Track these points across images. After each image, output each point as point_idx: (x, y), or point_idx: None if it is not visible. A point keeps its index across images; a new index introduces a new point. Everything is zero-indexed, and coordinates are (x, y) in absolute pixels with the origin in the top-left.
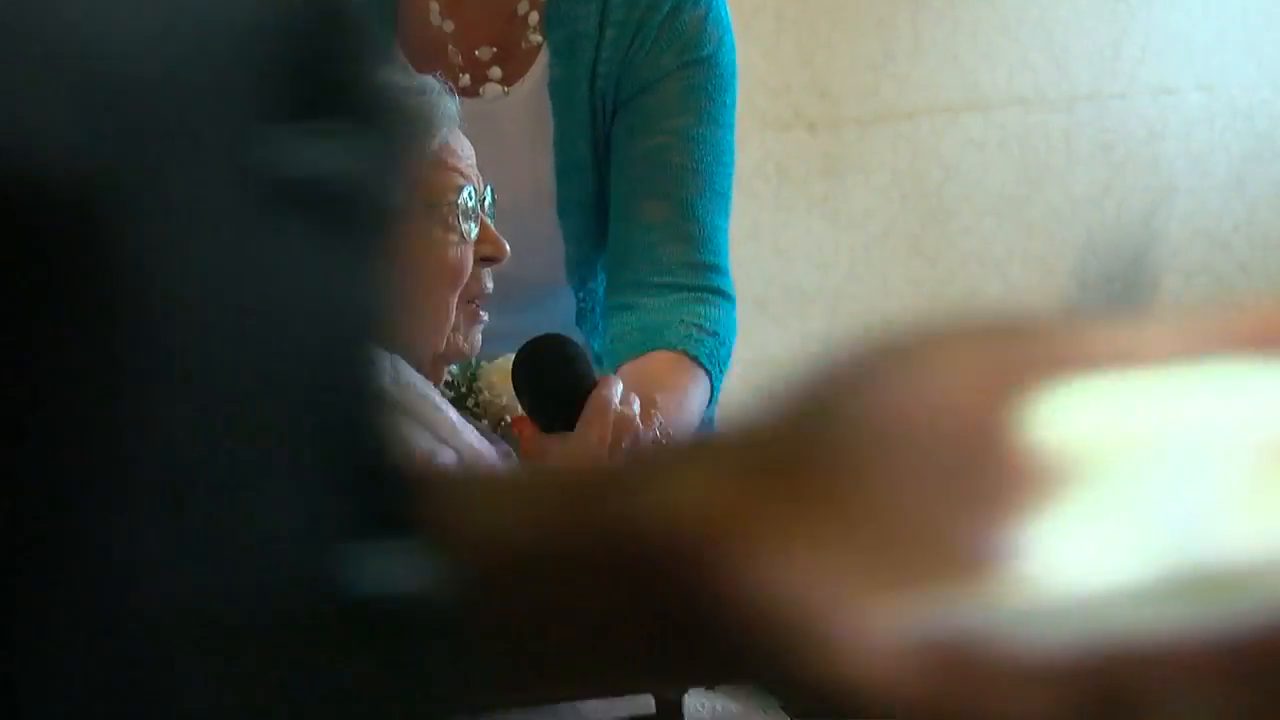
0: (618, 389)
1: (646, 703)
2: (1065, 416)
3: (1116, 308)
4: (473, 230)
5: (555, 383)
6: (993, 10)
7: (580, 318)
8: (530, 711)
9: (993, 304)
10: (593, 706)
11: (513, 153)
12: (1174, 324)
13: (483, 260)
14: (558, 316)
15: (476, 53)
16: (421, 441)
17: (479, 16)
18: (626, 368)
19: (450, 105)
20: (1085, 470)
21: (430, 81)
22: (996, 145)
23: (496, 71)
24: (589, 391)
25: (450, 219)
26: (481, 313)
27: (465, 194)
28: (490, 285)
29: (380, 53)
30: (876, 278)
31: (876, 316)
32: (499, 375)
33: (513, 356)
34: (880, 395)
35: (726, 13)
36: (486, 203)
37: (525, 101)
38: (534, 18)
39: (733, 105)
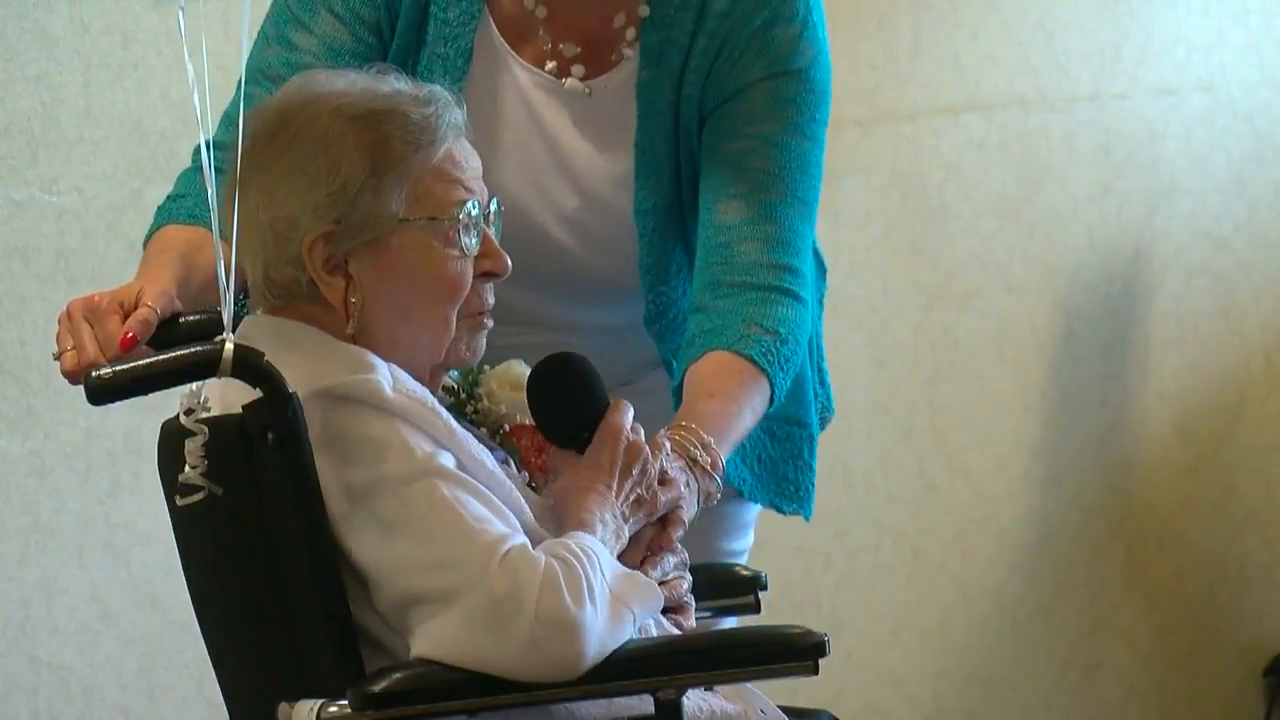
0: (629, 415)
1: (646, 703)
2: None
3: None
4: (474, 244)
5: (570, 402)
6: (993, 11)
7: (650, 320)
8: (529, 712)
9: (992, 304)
10: (592, 707)
11: (593, 147)
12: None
13: (483, 275)
14: (626, 316)
15: (561, 46)
16: (422, 445)
17: (573, 13)
18: (685, 378)
19: (458, 115)
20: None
21: (438, 92)
22: (997, 146)
23: (580, 69)
24: (602, 411)
25: (450, 233)
26: (486, 320)
27: (467, 207)
28: (492, 299)
29: None
30: (877, 278)
31: (877, 316)
32: (499, 382)
33: (514, 363)
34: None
35: (824, 33)
36: (491, 214)
37: (610, 99)
38: (630, 33)
39: (823, 121)
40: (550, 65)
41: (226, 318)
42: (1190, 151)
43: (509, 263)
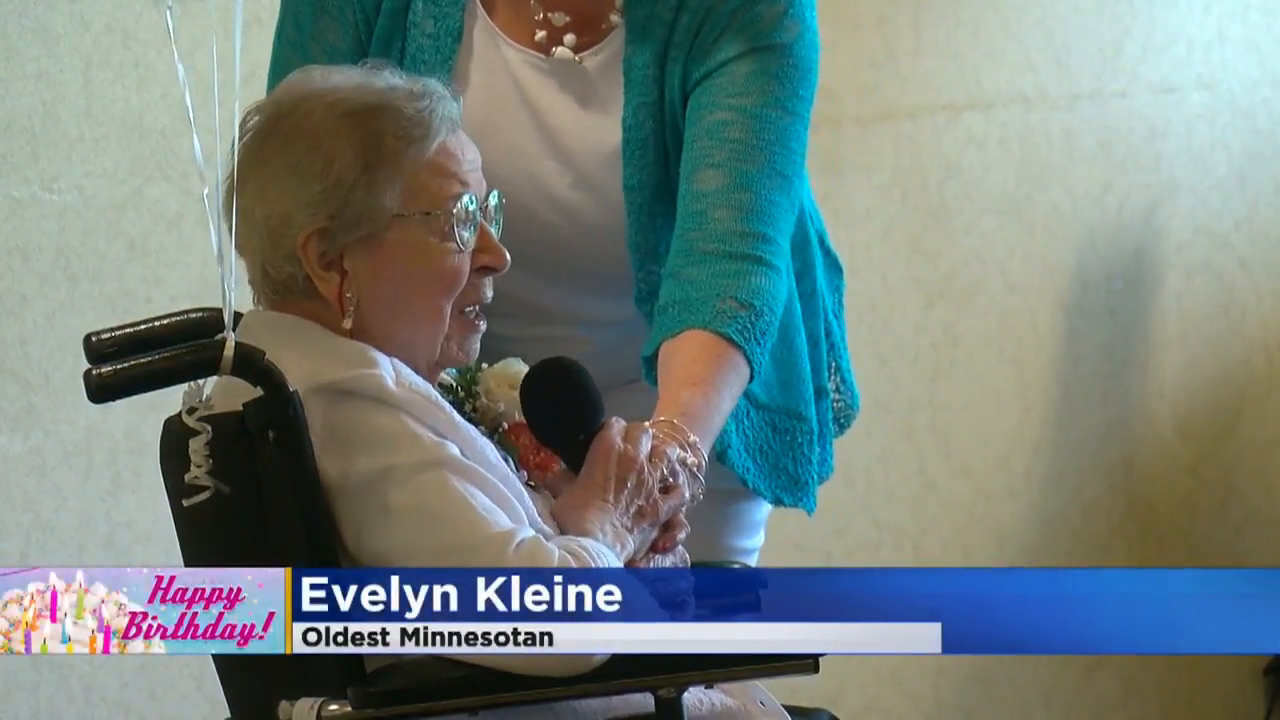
0: (619, 430)
1: (646, 702)
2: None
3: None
4: (469, 238)
5: (562, 405)
6: (994, 9)
7: (641, 299)
8: (529, 711)
9: (993, 302)
10: (592, 706)
11: (582, 124)
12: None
13: (481, 269)
14: (627, 308)
15: (552, 16)
16: (428, 436)
17: None
18: (661, 356)
19: (452, 108)
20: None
21: (431, 85)
22: (998, 143)
23: (570, 38)
24: (595, 414)
25: (446, 227)
26: (479, 322)
27: (464, 201)
28: (489, 294)
29: None
30: (877, 276)
31: (877, 314)
32: (497, 381)
33: (512, 361)
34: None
35: (812, 13)
36: (491, 207)
37: (598, 74)
38: (619, 3)
39: (807, 98)
40: (540, 35)
41: (227, 316)
42: (1191, 149)
43: (508, 257)
